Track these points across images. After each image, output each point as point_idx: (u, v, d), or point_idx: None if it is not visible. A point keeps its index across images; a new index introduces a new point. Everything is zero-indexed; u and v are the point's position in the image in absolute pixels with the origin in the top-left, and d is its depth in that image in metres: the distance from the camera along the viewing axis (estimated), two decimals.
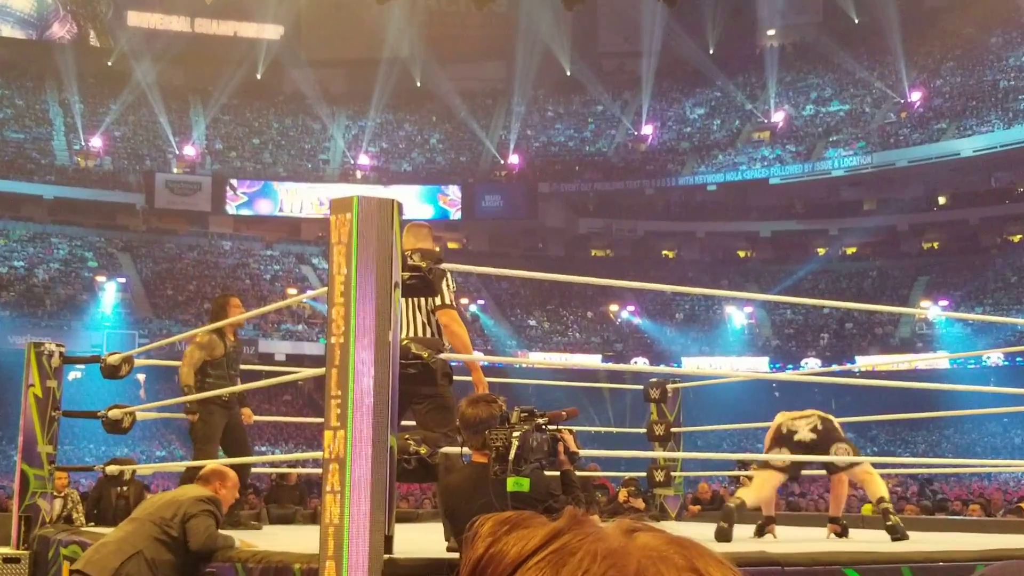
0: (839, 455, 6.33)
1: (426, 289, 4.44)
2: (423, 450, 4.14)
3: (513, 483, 3.58)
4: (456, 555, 4.00)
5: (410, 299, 5.21)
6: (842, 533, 6.53)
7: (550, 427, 3.70)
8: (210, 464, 5.56)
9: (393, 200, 4.03)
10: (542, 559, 0.61)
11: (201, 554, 4.83)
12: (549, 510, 3.64)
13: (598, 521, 0.65)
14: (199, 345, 7.55)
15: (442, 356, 4.99)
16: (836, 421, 6.68)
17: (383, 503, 3.72)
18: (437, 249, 4.94)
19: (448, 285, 5.22)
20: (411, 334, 5.09)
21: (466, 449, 3.94)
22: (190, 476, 6.15)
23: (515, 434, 3.61)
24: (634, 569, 0.60)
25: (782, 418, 6.64)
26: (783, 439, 6.45)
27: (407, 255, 4.24)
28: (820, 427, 6.41)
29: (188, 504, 4.92)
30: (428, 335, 5.09)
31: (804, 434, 6.38)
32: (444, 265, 4.49)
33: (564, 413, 3.89)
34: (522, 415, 3.71)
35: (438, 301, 5.19)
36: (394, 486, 3.91)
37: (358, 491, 3.68)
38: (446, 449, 4.31)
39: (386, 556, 3.70)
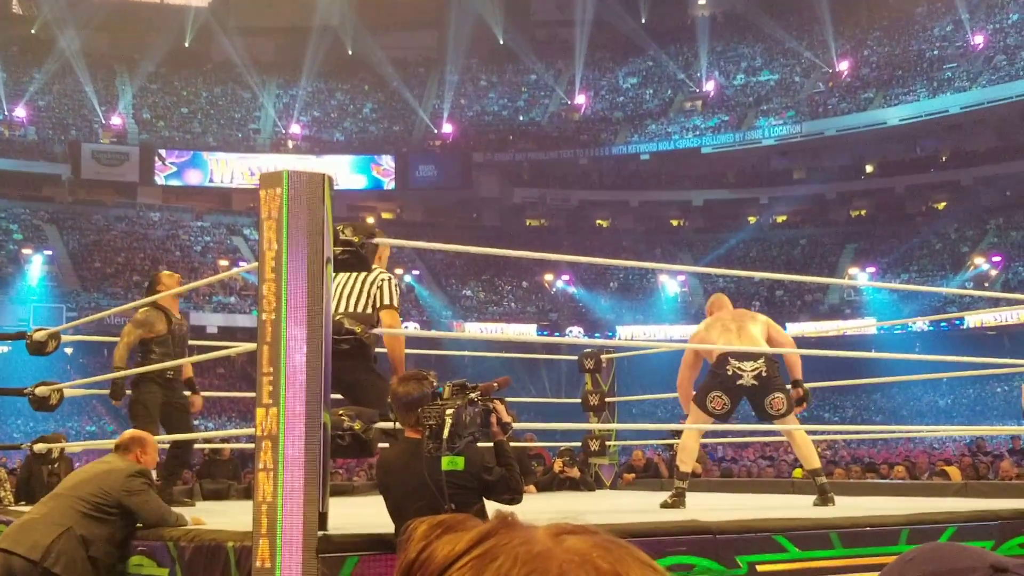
0: (773, 406, 6.30)
1: (359, 264, 4.41)
2: (357, 426, 4.12)
3: (448, 462, 3.58)
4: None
5: (356, 277, 5.21)
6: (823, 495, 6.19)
7: (483, 399, 3.70)
8: (126, 433, 5.38)
9: (324, 174, 3.99)
10: (466, 563, 0.61)
11: (132, 531, 4.77)
12: (483, 483, 3.67)
13: (523, 522, 0.66)
14: (136, 323, 7.20)
15: (392, 332, 4.98)
16: (797, 359, 6.60)
17: (317, 480, 3.70)
18: (387, 216, 4.93)
19: (395, 288, 5.25)
20: (355, 310, 5.09)
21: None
22: None
23: (448, 411, 3.61)
24: (556, 573, 0.61)
25: (730, 353, 6.39)
26: (725, 381, 6.36)
27: (339, 229, 4.20)
28: (764, 373, 6.31)
29: (121, 480, 4.81)
30: (366, 310, 5.08)
31: (747, 379, 6.29)
32: (378, 240, 4.46)
33: (496, 383, 3.89)
34: (454, 389, 3.71)
35: (386, 300, 5.20)
36: (328, 463, 3.89)
37: (291, 468, 3.66)
38: (380, 425, 4.30)
39: (321, 533, 3.69)
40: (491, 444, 3.94)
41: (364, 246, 4.34)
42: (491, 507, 3.77)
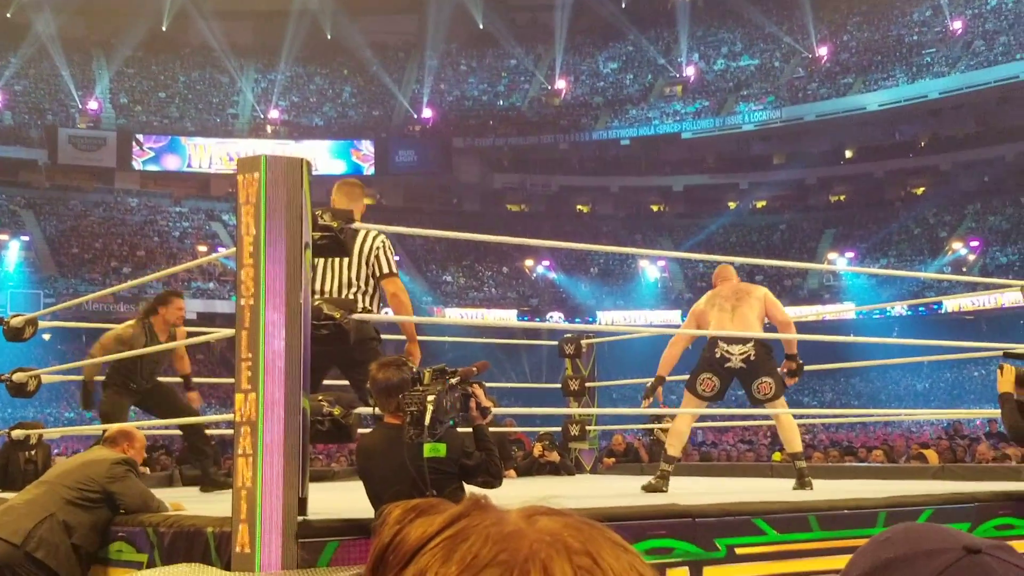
0: (760, 391, 6.32)
1: (338, 249, 4.39)
2: (337, 411, 4.12)
3: (430, 448, 3.59)
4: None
5: (351, 262, 5.20)
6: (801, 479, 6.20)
7: (462, 384, 3.71)
8: (113, 427, 5.39)
9: (302, 159, 3.97)
10: (437, 544, 0.62)
11: (113, 518, 4.76)
12: (463, 467, 3.67)
13: (496, 504, 0.66)
14: (118, 339, 6.86)
15: (371, 318, 4.97)
16: (795, 341, 6.59)
17: (296, 465, 3.70)
18: (367, 201, 4.92)
19: (390, 252, 5.25)
20: (349, 296, 5.09)
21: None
22: None
23: (429, 397, 3.61)
24: (525, 553, 0.61)
25: (719, 337, 6.43)
26: (714, 363, 6.38)
27: (318, 214, 4.18)
28: (753, 357, 6.31)
29: (106, 468, 4.83)
30: (367, 302, 5.09)
31: (735, 362, 6.30)
32: (357, 225, 4.45)
33: (475, 368, 3.90)
34: (434, 375, 3.71)
35: (385, 269, 5.21)
36: (307, 448, 3.89)
37: (271, 454, 3.65)
38: (361, 410, 4.29)
39: (300, 518, 3.69)
40: (471, 429, 3.95)
41: (343, 231, 4.33)
42: (470, 491, 3.77)
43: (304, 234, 3.88)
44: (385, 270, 5.18)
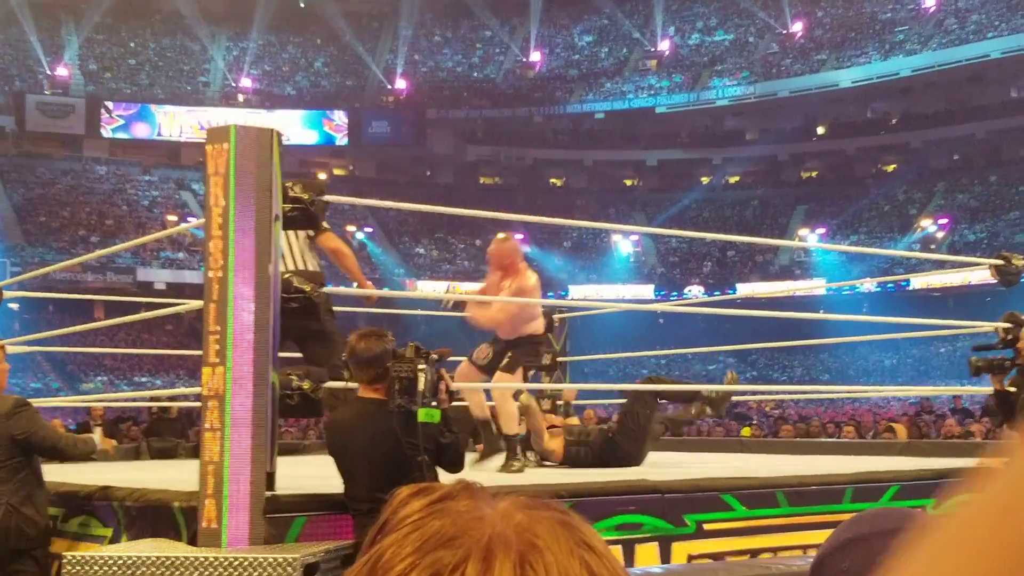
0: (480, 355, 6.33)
1: (309, 222, 4.35)
2: (307, 385, 4.09)
3: (425, 414, 3.55)
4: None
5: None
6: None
7: (436, 364, 3.69)
8: None
9: (272, 130, 3.92)
10: (416, 519, 0.64)
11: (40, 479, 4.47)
12: (438, 445, 3.65)
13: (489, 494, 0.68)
14: None
15: (339, 291, 4.92)
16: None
17: (265, 440, 3.67)
18: (326, 178, 4.84)
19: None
20: (292, 265, 4.99)
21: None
22: None
23: (420, 366, 3.59)
24: (476, 538, 0.61)
25: None
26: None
27: (288, 186, 4.14)
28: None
29: (5, 423, 4.38)
30: (308, 265, 4.98)
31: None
32: (329, 198, 4.40)
33: (445, 352, 3.88)
34: (415, 350, 3.69)
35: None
36: (276, 422, 3.85)
37: (239, 428, 3.62)
38: (330, 384, 4.26)
39: (268, 493, 3.66)
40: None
41: (314, 203, 4.29)
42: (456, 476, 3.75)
43: (274, 206, 3.83)
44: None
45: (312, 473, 4.59)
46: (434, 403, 3.60)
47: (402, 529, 0.63)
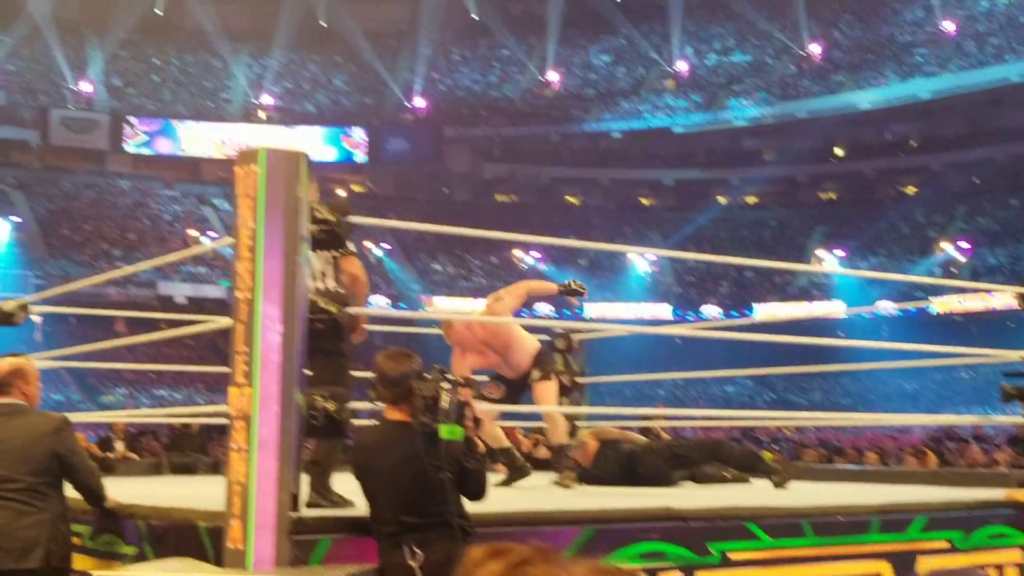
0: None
1: (334, 242, 4.38)
2: (331, 406, 4.10)
3: (447, 431, 3.54)
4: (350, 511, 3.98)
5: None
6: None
7: (460, 389, 3.68)
8: (1, 366, 4.54)
9: (301, 152, 3.94)
10: None
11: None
12: (462, 469, 3.64)
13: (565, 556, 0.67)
14: None
15: (363, 312, 4.93)
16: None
17: (290, 461, 3.68)
18: (345, 195, 4.84)
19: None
20: (313, 285, 4.99)
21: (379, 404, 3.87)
22: None
23: (443, 385, 3.58)
24: None
25: None
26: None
27: (314, 208, 4.16)
28: None
29: (52, 438, 4.29)
30: (329, 286, 4.99)
31: None
32: (352, 219, 4.42)
33: (472, 380, 3.89)
34: (439, 372, 3.69)
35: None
36: (301, 444, 3.87)
37: (265, 449, 3.63)
38: (354, 404, 4.27)
39: (293, 514, 3.66)
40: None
41: (340, 224, 4.32)
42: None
43: (301, 228, 3.85)
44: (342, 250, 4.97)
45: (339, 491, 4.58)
46: (454, 417, 3.59)
47: None
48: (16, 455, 4.24)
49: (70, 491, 4.46)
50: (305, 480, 4.11)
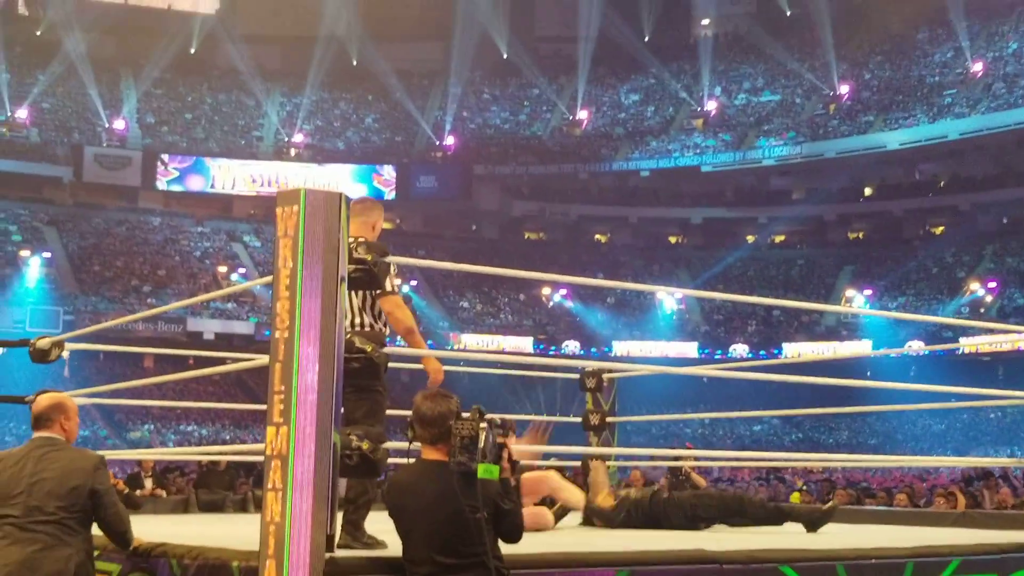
0: None
1: (371, 282, 4.40)
2: (366, 445, 4.11)
3: (484, 470, 3.54)
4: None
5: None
6: None
7: (498, 430, 3.69)
8: (41, 400, 4.54)
9: (341, 193, 3.98)
10: None
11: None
12: (498, 510, 3.64)
13: None
14: None
15: (399, 351, 4.94)
16: None
17: (325, 501, 3.69)
18: (386, 226, 4.85)
19: (390, 272, 5.13)
20: (349, 322, 5.00)
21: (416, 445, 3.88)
22: None
23: (482, 425, 3.59)
24: None
25: None
26: None
27: (352, 247, 4.19)
28: None
29: (90, 474, 4.30)
30: (364, 322, 5.01)
31: None
32: (390, 259, 4.46)
33: (510, 423, 3.89)
34: (478, 413, 3.70)
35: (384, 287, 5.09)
36: (336, 483, 3.87)
37: (300, 489, 3.64)
38: (388, 444, 4.27)
39: (328, 555, 3.67)
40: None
41: (377, 264, 4.34)
42: None
43: (340, 268, 3.89)
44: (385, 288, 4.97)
45: (371, 531, 4.59)
46: (493, 456, 3.58)
47: None
48: (50, 489, 4.28)
49: (97, 529, 4.48)
50: (337, 520, 4.12)
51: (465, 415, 3.69)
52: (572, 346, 38.51)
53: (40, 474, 4.31)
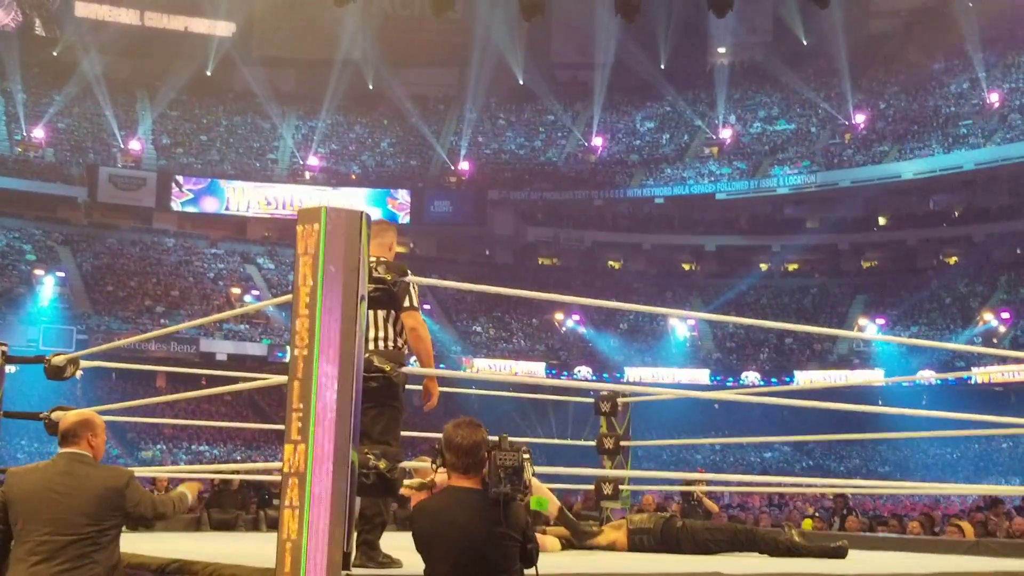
0: None
1: (390, 302, 4.42)
2: (383, 464, 4.11)
3: (536, 502, 3.56)
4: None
5: None
6: None
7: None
8: (69, 416, 4.61)
9: (362, 212, 4.00)
10: None
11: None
12: (526, 539, 3.65)
13: None
14: None
15: (416, 371, 4.96)
16: None
17: (342, 519, 3.69)
18: (400, 250, 4.87)
19: (413, 287, 5.16)
20: (372, 336, 5.02)
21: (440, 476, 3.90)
22: None
23: (525, 456, 3.61)
24: None
25: None
26: None
27: (372, 267, 4.22)
28: None
29: (123, 498, 4.34)
30: (383, 337, 5.03)
31: None
32: (410, 279, 4.48)
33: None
34: (507, 443, 3.73)
35: (405, 303, 5.11)
36: (354, 502, 3.88)
37: (318, 507, 3.64)
38: (406, 464, 4.28)
39: (344, 573, 3.67)
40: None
41: (396, 284, 4.36)
42: None
43: (360, 287, 3.91)
44: (404, 304, 5.02)
45: (388, 548, 4.59)
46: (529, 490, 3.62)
47: None
48: (80, 507, 4.29)
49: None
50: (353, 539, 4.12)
51: (492, 439, 3.72)
52: (584, 371, 38.45)
53: (70, 492, 4.33)
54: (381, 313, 4.84)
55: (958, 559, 6.35)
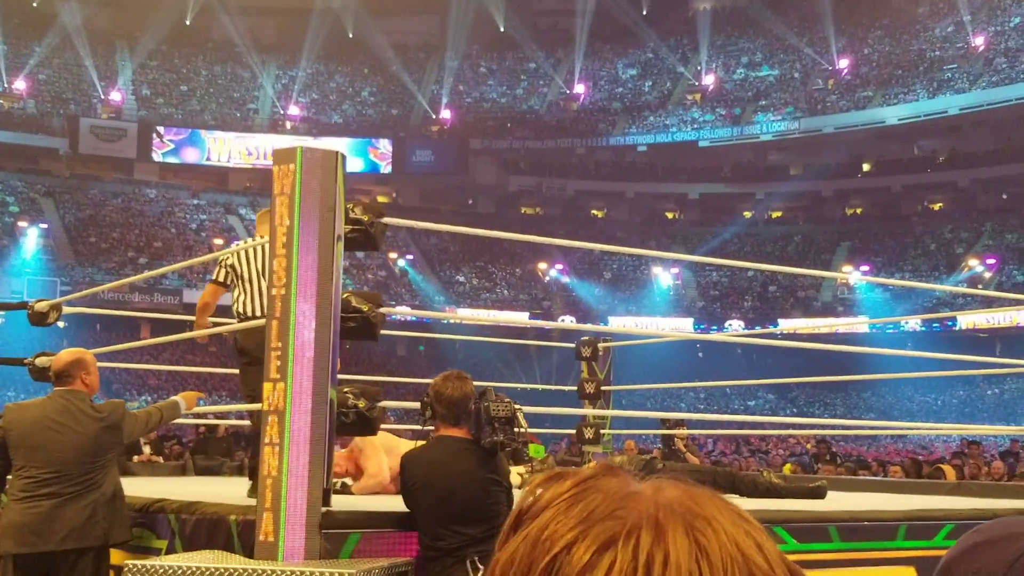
0: None
1: (368, 243, 4.41)
2: (362, 403, 4.13)
3: (535, 450, 3.68)
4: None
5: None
6: None
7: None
8: (61, 356, 4.72)
9: (337, 152, 3.99)
10: (563, 499, 0.66)
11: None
12: (511, 485, 3.72)
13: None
14: None
15: (402, 311, 4.97)
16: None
17: (322, 456, 3.71)
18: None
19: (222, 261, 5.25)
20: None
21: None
22: None
23: (516, 405, 3.69)
24: (642, 511, 0.63)
25: None
26: None
27: (349, 208, 4.20)
28: None
29: (117, 436, 4.48)
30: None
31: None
32: (386, 220, 4.47)
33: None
34: (494, 396, 3.78)
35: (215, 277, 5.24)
36: (333, 439, 3.90)
37: (297, 444, 3.67)
38: (386, 403, 4.30)
39: (324, 508, 3.70)
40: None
41: (373, 225, 4.35)
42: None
43: (337, 227, 3.90)
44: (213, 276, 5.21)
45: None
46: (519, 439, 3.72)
47: (558, 505, 0.65)
48: (76, 442, 4.41)
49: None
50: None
51: (495, 397, 3.78)
52: (568, 321, 38.54)
53: (69, 429, 4.40)
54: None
55: (940, 499, 6.43)
